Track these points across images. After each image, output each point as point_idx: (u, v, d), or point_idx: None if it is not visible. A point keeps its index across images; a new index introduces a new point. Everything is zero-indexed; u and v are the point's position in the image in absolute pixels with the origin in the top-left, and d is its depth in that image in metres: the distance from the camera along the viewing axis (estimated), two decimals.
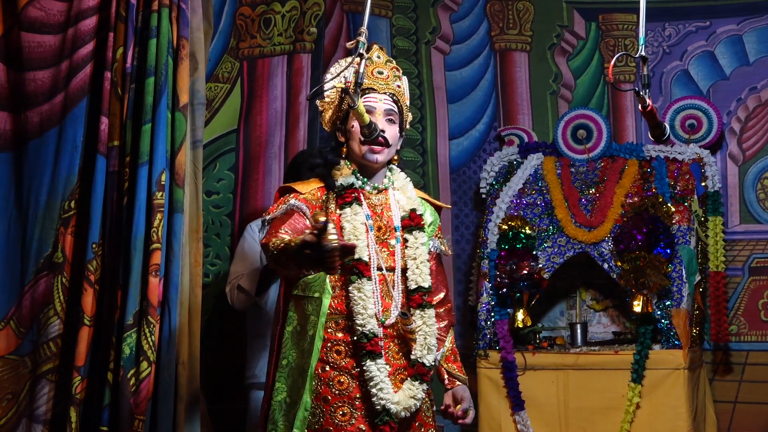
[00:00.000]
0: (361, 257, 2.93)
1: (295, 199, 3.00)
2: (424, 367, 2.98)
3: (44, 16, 3.45)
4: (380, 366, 2.90)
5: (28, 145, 3.46)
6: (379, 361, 2.90)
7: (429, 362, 2.98)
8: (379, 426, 2.89)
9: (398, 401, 2.91)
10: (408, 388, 2.95)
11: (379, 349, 2.92)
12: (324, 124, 3.13)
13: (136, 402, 3.22)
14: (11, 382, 3.39)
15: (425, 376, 2.97)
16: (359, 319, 2.91)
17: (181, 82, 3.42)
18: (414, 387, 2.95)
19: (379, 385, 2.89)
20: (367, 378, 2.89)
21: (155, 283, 3.28)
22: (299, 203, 2.98)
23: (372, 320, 2.91)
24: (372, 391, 2.89)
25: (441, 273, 3.24)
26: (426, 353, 2.98)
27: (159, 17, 3.38)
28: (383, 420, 2.88)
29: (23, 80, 3.45)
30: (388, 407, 2.89)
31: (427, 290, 3.02)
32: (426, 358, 2.98)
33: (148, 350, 3.25)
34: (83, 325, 3.29)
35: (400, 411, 2.91)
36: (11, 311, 3.41)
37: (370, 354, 2.90)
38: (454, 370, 3.16)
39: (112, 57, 3.39)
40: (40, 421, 3.34)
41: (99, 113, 3.39)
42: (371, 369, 2.89)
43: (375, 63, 3.06)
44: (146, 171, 3.32)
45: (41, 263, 3.41)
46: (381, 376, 2.89)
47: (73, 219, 3.40)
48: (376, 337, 2.91)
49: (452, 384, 3.15)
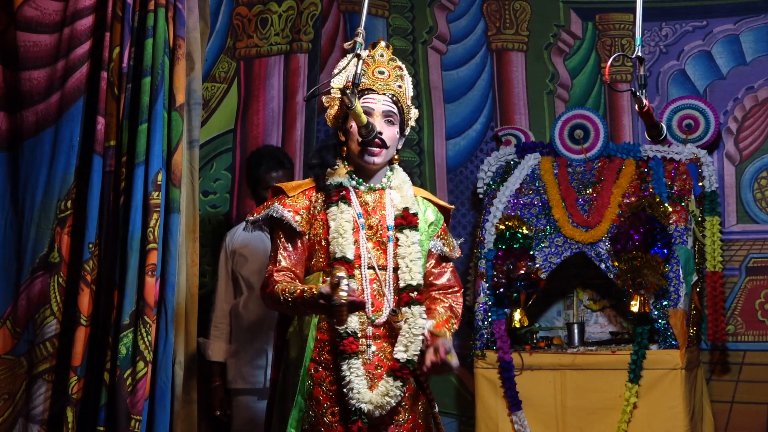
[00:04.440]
0: (344, 255, 2.92)
1: (278, 203, 3.00)
2: (398, 363, 2.92)
3: (40, 15, 3.45)
4: (353, 365, 2.88)
5: (24, 145, 3.46)
6: (353, 361, 2.88)
7: (403, 358, 2.92)
8: (349, 425, 2.86)
9: (369, 400, 2.88)
10: (382, 384, 2.91)
11: (354, 349, 2.89)
12: (328, 120, 3.12)
13: (132, 402, 3.21)
14: (7, 382, 3.39)
15: (399, 372, 2.91)
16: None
17: (178, 82, 3.41)
18: (388, 384, 2.91)
19: (350, 385, 2.86)
20: (342, 377, 2.88)
21: (152, 283, 3.28)
22: (282, 211, 2.98)
23: (353, 318, 2.89)
24: (344, 390, 2.87)
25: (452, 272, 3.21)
26: (402, 349, 2.93)
27: (155, 17, 3.38)
28: (353, 420, 2.86)
29: (19, 79, 3.45)
30: (358, 407, 2.86)
31: (416, 288, 2.98)
32: (400, 354, 2.93)
33: (145, 350, 3.24)
34: (80, 325, 3.29)
35: (372, 410, 2.88)
36: (7, 311, 3.41)
37: (342, 353, 2.88)
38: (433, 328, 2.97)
39: (109, 57, 3.39)
40: (36, 421, 3.34)
41: (95, 113, 3.39)
42: (343, 368, 2.88)
43: (377, 62, 3.05)
44: (143, 171, 3.31)
45: (37, 263, 3.41)
46: (352, 376, 2.87)
47: (70, 219, 3.40)
48: (351, 336, 2.89)
49: (432, 340, 2.97)
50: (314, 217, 3.00)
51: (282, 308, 2.96)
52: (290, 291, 2.87)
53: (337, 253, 2.92)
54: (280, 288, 2.90)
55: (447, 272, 3.19)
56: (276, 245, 3.01)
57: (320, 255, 2.99)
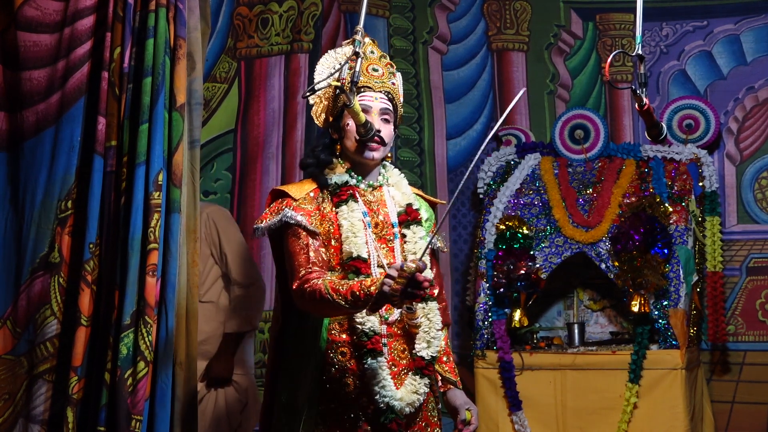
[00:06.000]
0: (359, 254, 2.90)
1: (288, 208, 2.93)
2: (423, 360, 2.94)
3: (41, 15, 3.44)
4: (381, 363, 2.86)
5: (24, 145, 3.45)
6: (380, 359, 2.87)
7: (427, 355, 2.94)
8: (385, 425, 2.85)
9: (401, 397, 2.87)
10: (410, 383, 2.92)
11: (380, 347, 2.88)
12: (316, 120, 3.11)
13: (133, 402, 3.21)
14: (8, 383, 3.38)
15: (425, 369, 2.93)
16: (358, 317, 2.88)
17: (179, 82, 3.40)
18: (415, 381, 2.91)
19: (381, 383, 2.85)
20: (369, 376, 2.86)
21: (152, 283, 3.27)
22: (296, 216, 2.91)
23: (372, 318, 2.88)
24: (374, 389, 2.85)
25: (438, 269, 3.22)
26: (425, 346, 2.94)
27: (156, 17, 3.37)
28: (389, 418, 2.84)
29: (19, 79, 3.44)
30: (391, 404, 2.85)
31: (430, 282, 2.99)
32: (424, 351, 2.94)
33: (145, 350, 3.23)
34: (80, 326, 3.28)
35: (403, 407, 2.87)
36: (7, 311, 3.40)
37: (371, 352, 2.86)
38: (445, 372, 3.11)
39: (110, 57, 3.38)
40: (37, 421, 3.33)
41: (96, 113, 3.38)
42: (372, 367, 2.86)
43: (369, 59, 3.03)
44: (143, 171, 3.30)
45: (37, 263, 3.40)
46: (383, 374, 2.86)
47: (70, 219, 3.39)
48: (377, 335, 2.89)
49: (444, 387, 3.12)
50: (324, 218, 2.97)
51: (322, 307, 2.82)
52: (342, 293, 2.72)
53: (353, 252, 2.89)
54: (326, 286, 2.76)
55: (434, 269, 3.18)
56: (295, 248, 2.91)
57: (331, 254, 2.96)
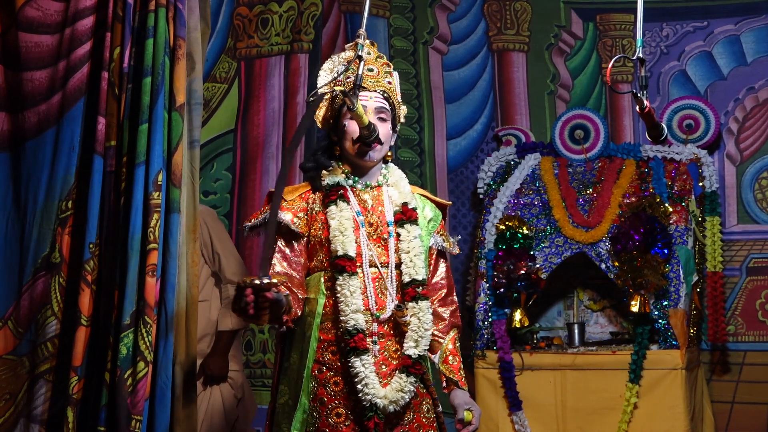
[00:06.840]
0: (346, 253, 2.92)
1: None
2: (410, 359, 2.93)
3: (42, 16, 3.44)
4: (365, 362, 2.87)
5: (26, 145, 3.45)
6: (364, 357, 2.87)
7: (414, 354, 2.93)
8: (365, 422, 2.86)
9: (384, 395, 2.87)
10: (396, 381, 2.92)
11: (365, 345, 2.89)
12: (317, 122, 3.12)
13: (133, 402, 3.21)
14: (9, 383, 3.38)
15: (411, 368, 2.92)
16: (343, 315, 2.89)
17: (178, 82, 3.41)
18: (401, 380, 2.91)
19: (364, 381, 2.85)
20: (353, 374, 2.87)
21: (152, 283, 3.27)
22: (282, 215, 2.96)
23: (356, 316, 2.89)
24: (358, 387, 2.86)
25: (446, 271, 3.21)
26: (412, 345, 2.94)
27: (156, 17, 3.37)
28: (368, 416, 2.85)
29: (21, 80, 3.44)
30: (374, 402, 2.86)
31: (421, 283, 2.99)
32: (411, 350, 2.94)
33: (145, 350, 3.24)
34: (80, 326, 3.29)
35: (387, 405, 2.87)
36: (9, 311, 3.41)
37: (354, 350, 2.87)
38: (449, 372, 3.11)
39: (109, 57, 3.38)
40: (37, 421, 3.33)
41: (96, 113, 3.38)
42: (356, 365, 2.86)
43: (365, 60, 3.04)
44: (143, 171, 3.30)
45: (39, 263, 3.41)
46: (366, 372, 2.86)
47: (71, 219, 3.40)
48: (360, 333, 2.88)
49: (448, 389, 3.12)
50: (313, 219, 3.00)
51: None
52: None
53: (339, 251, 2.91)
54: None
55: (441, 269, 3.19)
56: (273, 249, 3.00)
57: (321, 255, 2.99)
